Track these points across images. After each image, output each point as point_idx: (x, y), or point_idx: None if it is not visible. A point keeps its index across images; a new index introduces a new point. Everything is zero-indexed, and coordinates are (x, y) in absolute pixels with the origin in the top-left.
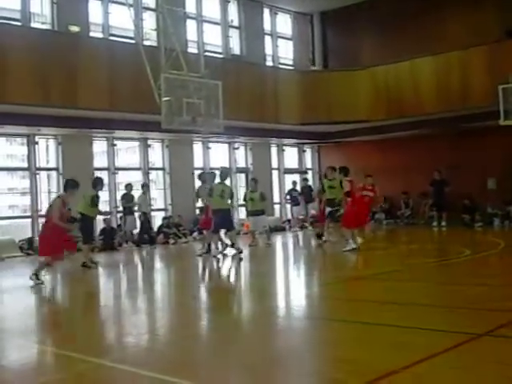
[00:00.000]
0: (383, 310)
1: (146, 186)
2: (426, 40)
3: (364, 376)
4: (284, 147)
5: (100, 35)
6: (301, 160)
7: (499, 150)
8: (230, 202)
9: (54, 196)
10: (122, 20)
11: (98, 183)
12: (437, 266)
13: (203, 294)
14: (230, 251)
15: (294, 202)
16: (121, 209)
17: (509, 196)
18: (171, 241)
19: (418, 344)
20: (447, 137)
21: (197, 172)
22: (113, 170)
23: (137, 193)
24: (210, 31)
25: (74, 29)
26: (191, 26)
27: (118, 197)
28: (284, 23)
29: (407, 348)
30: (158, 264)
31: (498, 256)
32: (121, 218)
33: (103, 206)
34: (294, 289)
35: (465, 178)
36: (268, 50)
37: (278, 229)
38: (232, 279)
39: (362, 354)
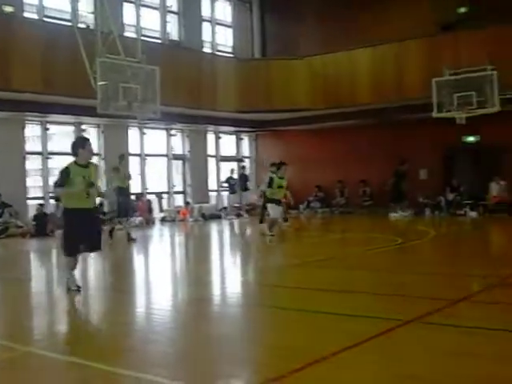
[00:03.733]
0: (318, 296)
1: None
2: (364, 31)
3: (294, 362)
4: (221, 135)
5: (35, 16)
6: (238, 148)
7: (431, 142)
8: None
9: None
10: (58, 2)
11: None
12: (370, 254)
13: (133, 281)
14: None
15: (231, 189)
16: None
17: (440, 186)
18: None
19: (349, 330)
20: (383, 127)
21: (132, 158)
22: (46, 154)
23: None
24: (148, 16)
25: (8, 9)
26: (129, 9)
27: (51, 182)
28: (223, 10)
29: (338, 334)
30: None
31: (427, 244)
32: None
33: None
34: (229, 276)
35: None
36: (207, 36)
37: (214, 216)
38: (166, 266)
39: (296, 341)
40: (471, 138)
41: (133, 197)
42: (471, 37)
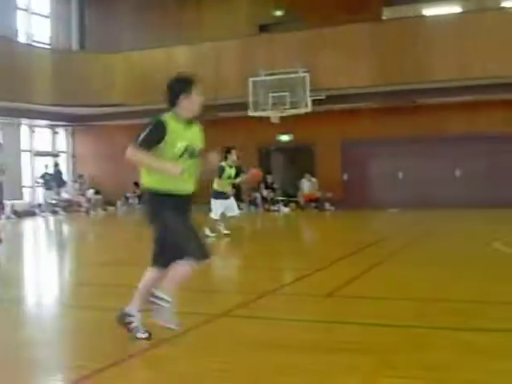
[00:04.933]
0: (124, 294)
1: None
2: (185, 29)
3: (99, 363)
4: (36, 128)
5: None
6: (54, 142)
7: (248, 140)
8: None
9: None
10: None
11: None
12: None
13: None
14: None
15: (47, 185)
16: None
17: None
18: None
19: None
20: (202, 124)
21: None
22: None
23: None
24: None
25: None
26: None
27: None
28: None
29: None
30: None
31: (241, 240)
32: None
33: None
34: (41, 276)
35: None
36: (22, 25)
37: (28, 213)
38: None
39: (102, 342)
40: (285, 137)
41: None
42: (286, 39)
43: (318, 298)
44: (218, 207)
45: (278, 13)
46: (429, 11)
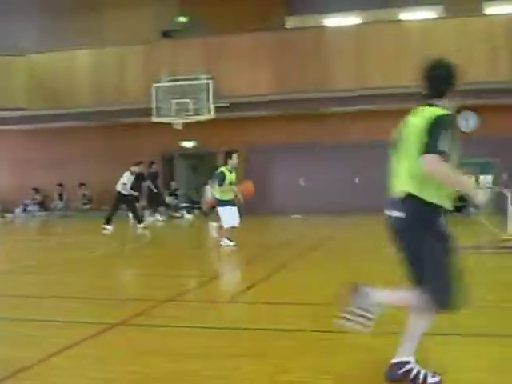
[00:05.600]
0: (25, 304)
1: None
2: (90, 32)
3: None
4: None
5: None
6: None
7: (152, 145)
8: None
9: None
10: None
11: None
12: (88, 258)
13: None
14: None
15: None
16: None
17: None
18: None
19: (56, 337)
20: (106, 129)
21: None
22: None
23: None
24: None
25: None
26: None
27: None
28: None
29: (45, 342)
30: None
31: (145, 247)
32: None
33: None
34: None
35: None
36: None
37: None
38: None
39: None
40: (188, 144)
41: None
42: (190, 45)
43: (217, 305)
44: (227, 214)
45: (182, 19)
46: (331, 21)
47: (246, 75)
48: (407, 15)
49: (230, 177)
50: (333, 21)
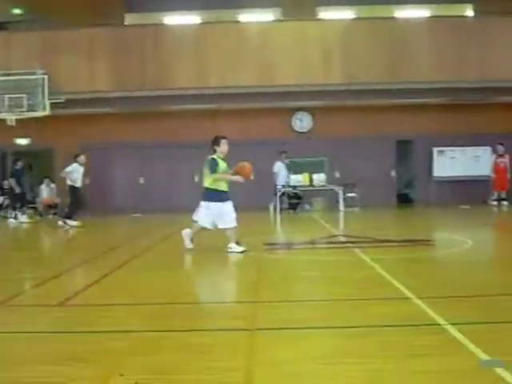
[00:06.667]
0: None
1: None
2: None
3: None
4: None
5: None
6: None
7: None
8: None
9: None
10: None
11: None
12: None
13: None
14: None
15: None
16: None
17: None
18: None
19: None
20: None
21: None
22: None
23: None
24: None
25: None
26: None
27: None
28: None
29: None
30: None
31: None
32: None
33: None
34: None
35: None
36: None
37: None
38: None
39: None
40: (23, 141)
41: None
42: (25, 39)
43: (49, 308)
44: (206, 213)
45: (17, 11)
46: (171, 20)
47: (84, 71)
48: (246, 17)
49: (223, 165)
50: (173, 19)
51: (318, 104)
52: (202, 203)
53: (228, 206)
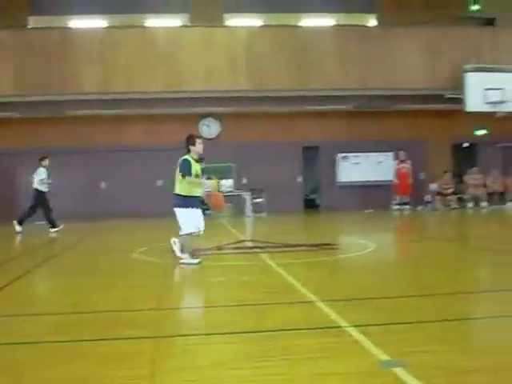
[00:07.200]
0: None
1: None
2: None
3: None
4: None
5: None
6: None
7: None
8: None
9: None
10: None
11: None
12: None
13: None
14: None
15: None
16: None
17: None
18: None
19: None
20: None
21: None
22: None
23: None
24: None
25: None
26: None
27: None
28: None
29: None
30: None
31: None
32: None
33: None
34: None
35: None
36: None
37: None
38: None
39: None
40: None
41: None
42: None
43: None
44: (188, 218)
45: None
46: (76, 23)
47: None
48: (154, 21)
49: (196, 167)
50: (79, 23)
51: (226, 110)
52: (179, 209)
53: (199, 211)
